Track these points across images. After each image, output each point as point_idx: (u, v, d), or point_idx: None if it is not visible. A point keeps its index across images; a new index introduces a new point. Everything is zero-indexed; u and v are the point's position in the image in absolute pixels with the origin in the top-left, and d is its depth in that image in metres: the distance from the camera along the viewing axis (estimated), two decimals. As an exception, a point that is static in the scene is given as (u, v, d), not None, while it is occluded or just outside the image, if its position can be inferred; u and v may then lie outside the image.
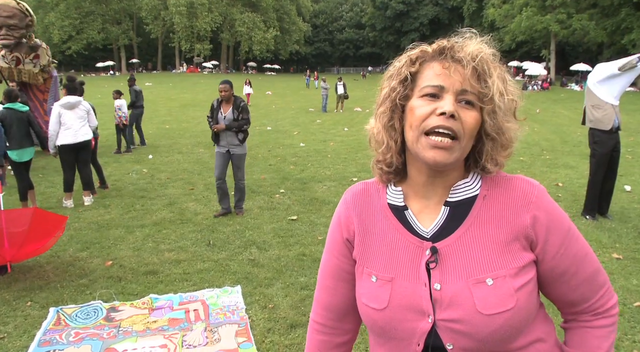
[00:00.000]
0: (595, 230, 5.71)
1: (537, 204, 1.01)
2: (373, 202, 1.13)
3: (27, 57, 10.43)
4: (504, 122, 1.01)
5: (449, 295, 0.98)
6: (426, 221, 1.06)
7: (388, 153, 1.07)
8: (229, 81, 6.29)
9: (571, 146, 12.10)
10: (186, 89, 36.16)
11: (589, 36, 38.79)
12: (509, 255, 0.99)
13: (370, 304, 1.05)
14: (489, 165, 1.03)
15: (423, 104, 0.99)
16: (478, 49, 1.00)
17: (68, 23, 62.39)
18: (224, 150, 6.32)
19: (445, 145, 0.95)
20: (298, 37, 74.87)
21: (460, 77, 0.97)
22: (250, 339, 3.47)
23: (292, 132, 14.99)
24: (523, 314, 0.97)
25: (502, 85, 0.99)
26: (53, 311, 3.93)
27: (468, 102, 0.98)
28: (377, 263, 1.07)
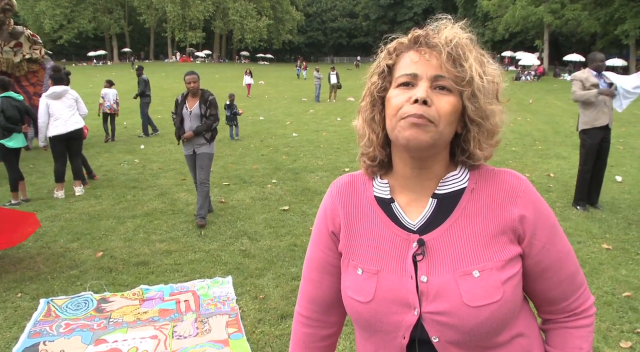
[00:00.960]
0: (586, 220, 5.74)
1: (524, 198, 1.01)
2: (359, 195, 1.12)
3: (7, 44, 9.57)
4: (486, 106, 0.99)
5: (435, 287, 0.97)
6: (413, 213, 1.05)
7: (370, 146, 1.07)
8: (195, 72, 5.76)
9: (563, 137, 12.14)
10: (179, 79, 35.81)
11: (582, 26, 38.73)
12: (495, 247, 0.99)
13: (355, 296, 1.04)
14: (478, 151, 1.02)
15: (398, 93, 0.99)
16: (453, 34, 0.99)
17: (59, 12, 61.54)
18: (190, 152, 5.72)
19: (420, 122, 0.94)
20: (291, 27, 74.42)
21: (435, 63, 0.97)
22: (240, 330, 3.47)
23: (284, 122, 14.95)
24: (509, 306, 0.97)
25: (480, 68, 0.98)
26: (43, 302, 3.91)
27: (442, 87, 0.97)
28: (363, 256, 1.07)
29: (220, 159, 9.52)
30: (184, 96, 5.72)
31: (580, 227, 5.51)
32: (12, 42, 9.67)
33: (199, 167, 5.65)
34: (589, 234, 5.30)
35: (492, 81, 1.00)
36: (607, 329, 3.42)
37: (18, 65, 9.75)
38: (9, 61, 9.63)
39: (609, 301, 3.82)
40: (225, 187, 7.45)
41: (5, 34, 9.63)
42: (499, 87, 1.03)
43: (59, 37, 63.65)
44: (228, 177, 8.03)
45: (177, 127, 5.71)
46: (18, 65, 9.77)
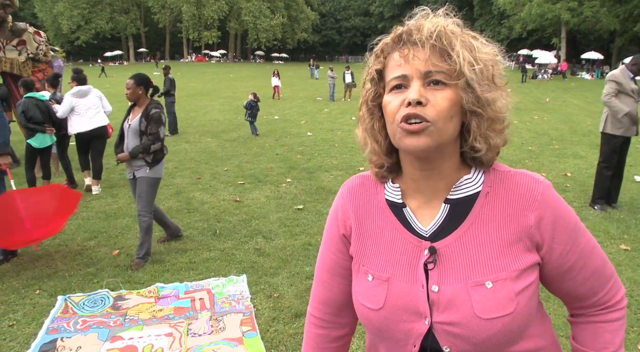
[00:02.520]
0: (604, 221, 5.67)
1: (542, 202, 0.96)
2: (371, 197, 1.10)
3: (9, 43, 8.74)
4: (484, 94, 0.92)
5: (446, 297, 0.95)
6: (425, 218, 1.02)
7: (375, 155, 1.05)
8: (138, 76, 4.64)
9: (580, 136, 11.99)
10: (194, 78, 36.16)
11: (601, 24, 38.27)
12: (510, 257, 0.95)
13: (366, 303, 1.03)
14: (477, 144, 0.95)
15: (392, 98, 0.95)
16: (435, 24, 0.93)
17: (77, 13, 62.44)
18: (130, 175, 4.71)
19: (416, 129, 0.90)
20: (306, 26, 74.53)
21: (422, 59, 0.91)
22: (255, 328, 3.49)
23: (299, 121, 14.97)
24: (522, 318, 0.94)
25: (469, 55, 0.91)
26: (61, 299, 3.97)
27: (436, 82, 0.91)
28: (374, 261, 1.04)
29: (235, 158, 9.57)
30: (132, 105, 4.73)
31: (598, 227, 5.44)
32: (15, 40, 8.85)
33: (137, 195, 4.65)
34: (606, 234, 5.23)
35: (487, 66, 0.93)
36: (625, 331, 3.37)
37: (23, 64, 8.98)
38: (13, 61, 8.90)
39: (627, 303, 3.76)
40: (240, 186, 7.48)
41: (7, 32, 8.78)
42: (494, 71, 0.95)
43: (76, 38, 64.54)
44: (243, 176, 8.07)
45: (115, 143, 4.78)
46: (24, 65, 8.99)
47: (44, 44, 9.25)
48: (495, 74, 0.95)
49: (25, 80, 6.93)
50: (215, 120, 15.28)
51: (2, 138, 4.56)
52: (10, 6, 8.60)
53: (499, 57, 0.98)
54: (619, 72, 5.86)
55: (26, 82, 6.88)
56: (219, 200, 6.72)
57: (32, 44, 8.97)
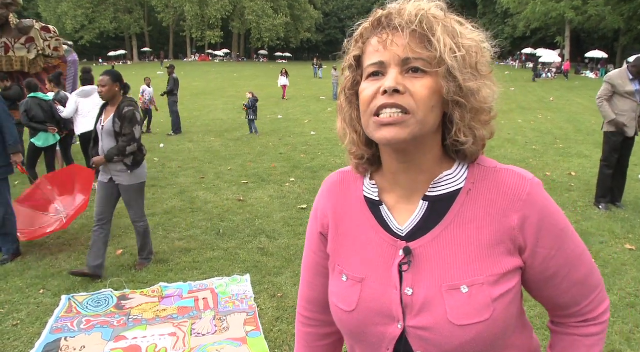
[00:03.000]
0: (608, 220, 5.64)
1: (527, 201, 0.89)
2: (350, 194, 1.05)
3: (17, 41, 8.65)
4: (465, 82, 0.86)
5: (420, 301, 0.90)
6: (403, 215, 0.97)
7: (354, 146, 0.99)
8: (113, 72, 4.34)
9: (585, 135, 11.94)
10: (197, 78, 36.18)
11: (605, 22, 38.13)
12: (490, 260, 0.89)
13: (339, 304, 0.98)
14: (462, 136, 0.89)
15: (368, 85, 0.89)
16: (416, 8, 0.87)
17: (80, 13, 62.61)
18: (105, 179, 4.34)
19: (394, 120, 0.84)
20: (309, 25, 74.49)
21: (400, 45, 0.85)
22: (258, 328, 3.49)
23: (303, 121, 14.96)
24: (499, 326, 0.88)
25: (451, 41, 0.85)
26: (65, 298, 3.97)
27: (416, 69, 0.85)
28: (349, 261, 1.00)
29: (239, 158, 9.57)
30: (104, 105, 4.41)
31: (602, 227, 5.41)
32: (23, 38, 8.75)
33: (126, 204, 4.45)
34: (611, 234, 5.21)
35: (470, 53, 0.87)
36: (630, 332, 3.36)
37: (33, 62, 8.90)
38: (23, 59, 8.82)
39: (632, 302, 3.75)
40: (244, 185, 7.48)
41: (13, 31, 8.71)
42: (478, 59, 0.88)
43: (80, 37, 64.68)
44: (246, 176, 8.07)
45: (91, 146, 4.52)
46: (34, 62, 8.91)
47: (54, 39, 9.09)
48: (479, 61, 0.88)
49: (29, 81, 6.99)
50: (219, 120, 15.29)
51: (14, 137, 4.70)
52: (13, 4, 8.56)
53: (486, 44, 0.92)
54: (616, 74, 5.86)
55: (29, 83, 6.93)
56: (222, 199, 6.72)
57: (40, 41, 8.84)
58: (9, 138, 4.64)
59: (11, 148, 4.65)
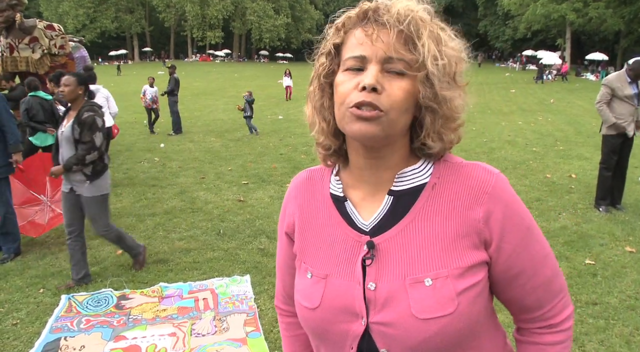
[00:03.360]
0: (609, 222, 5.64)
1: (493, 195, 0.89)
2: (316, 192, 1.05)
3: (21, 41, 8.47)
4: (442, 91, 0.86)
5: (383, 295, 0.88)
6: (367, 211, 0.96)
7: (322, 135, 0.98)
8: (78, 74, 4.18)
9: (585, 137, 11.94)
10: (198, 78, 36.20)
11: (606, 24, 38.13)
12: (455, 253, 0.88)
13: (303, 302, 0.97)
14: (430, 141, 0.90)
15: (346, 78, 0.87)
16: (405, 8, 0.86)
17: (82, 12, 62.68)
18: (67, 188, 4.07)
19: (369, 115, 0.83)
20: (310, 26, 74.52)
21: (385, 43, 0.84)
22: (258, 329, 3.49)
23: (303, 121, 14.73)
24: (464, 321, 0.86)
25: (435, 48, 0.85)
26: (65, 298, 3.97)
27: (395, 70, 0.85)
28: (314, 258, 0.99)
29: (239, 158, 9.58)
30: (67, 109, 4.15)
31: (602, 229, 5.41)
32: (26, 38, 8.56)
33: (88, 218, 4.12)
34: (611, 236, 5.20)
35: (450, 62, 0.87)
36: (630, 334, 3.35)
37: (39, 61, 8.69)
38: (28, 59, 8.65)
39: (632, 305, 3.74)
40: (244, 186, 7.48)
41: (17, 31, 8.55)
42: (457, 69, 0.89)
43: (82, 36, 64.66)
44: (247, 176, 8.07)
45: (52, 154, 4.28)
46: (39, 62, 8.69)
47: (59, 37, 8.95)
48: (457, 71, 0.89)
49: (30, 80, 6.98)
50: (220, 120, 15.30)
51: (15, 137, 4.71)
52: (18, 5, 8.47)
53: (464, 55, 0.92)
54: (614, 77, 5.87)
55: (30, 82, 6.93)
56: (222, 200, 6.72)
57: (45, 40, 8.71)
58: (10, 137, 4.65)
59: (12, 147, 4.66)
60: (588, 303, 3.78)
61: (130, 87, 25.34)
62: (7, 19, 8.37)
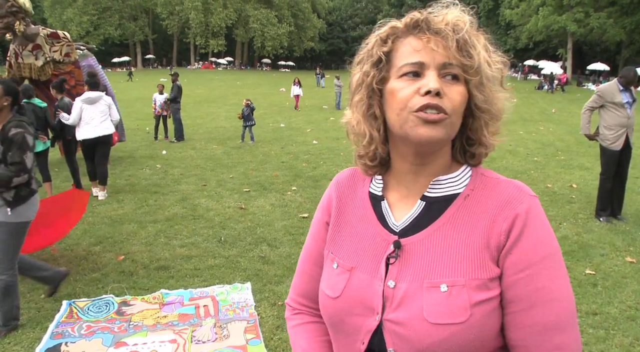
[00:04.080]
0: (609, 233, 5.65)
1: (520, 213, 0.89)
2: (357, 189, 1.09)
3: (24, 48, 8.50)
4: (494, 94, 0.93)
5: (400, 294, 0.90)
6: (400, 213, 0.99)
7: (372, 145, 0.99)
8: (7, 83, 3.47)
9: (586, 147, 11.94)
10: (201, 85, 36.34)
11: (607, 35, 38.27)
12: (475, 264, 0.88)
13: (326, 290, 1.01)
14: (475, 144, 0.96)
15: (404, 84, 0.90)
16: (457, 18, 0.91)
17: (86, 19, 63.13)
18: None
19: (436, 118, 0.86)
20: (313, 34, 74.89)
21: (442, 50, 0.89)
22: (259, 336, 3.49)
23: (305, 130, 15.00)
24: (475, 332, 0.85)
25: (487, 55, 0.91)
26: (66, 303, 3.98)
27: (453, 76, 0.89)
28: (343, 250, 1.03)
29: (241, 166, 9.60)
30: None
31: (603, 239, 5.42)
32: (30, 45, 8.58)
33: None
34: (612, 246, 5.21)
35: (499, 68, 0.94)
36: (630, 344, 3.36)
37: (41, 69, 8.67)
38: (31, 66, 8.61)
39: (633, 315, 3.75)
40: (246, 193, 7.50)
41: (21, 38, 8.52)
42: (503, 74, 0.95)
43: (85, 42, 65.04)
44: (248, 184, 8.09)
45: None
46: (42, 69, 8.68)
47: (65, 45, 8.95)
48: (503, 77, 0.95)
49: (25, 87, 7.09)
50: (222, 127, 15.34)
51: None
52: (19, 12, 8.42)
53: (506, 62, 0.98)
54: (607, 86, 6.00)
55: (24, 89, 7.04)
56: (224, 207, 6.73)
57: (47, 47, 8.71)
58: None
59: None
60: (588, 313, 3.78)
61: (132, 94, 25.45)
62: (7, 25, 8.38)
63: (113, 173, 8.72)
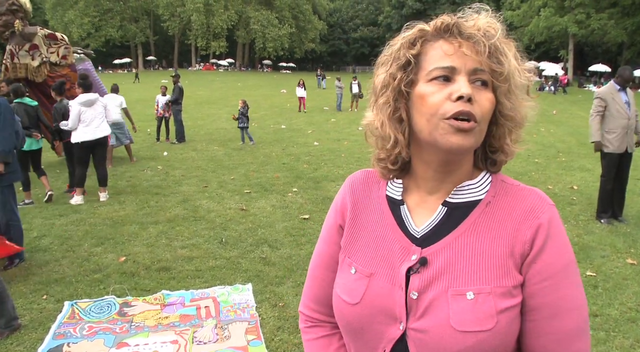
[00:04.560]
0: (610, 234, 5.65)
1: (543, 223, 0.89)
2: (372, 192, 1.07)
3: (21, 48, 8.46)
4: (520, 102, 0.92)
5: (424, 304, 0.89)
6: (421, 217, 0.98)
7: (396, 148, 0.96)
8: None
9: (587, 148, 11.92)
10: (202, 87, 36.36)
11: (609, 36, 38.29)
12: (499, 271, 0.89)
13: (343, 296, 0.98)
14: (499, 152, 0.96)
15: (434, 89, 0.88)
16: (489, 24, 0.90)
17: (87, 21, 63.27)
18: None
19: (468, 127, 0.85)
20: (314, 36, 74.95)
21: (473, 55, 0.88)
22: (260, 337, 3.50)
23: (306, 131, 15.01)
24: (500, 339, 0.86)
25: (516, 63, 0.91)
26: (68, 304, 4.00)
27: (483, 82, 0.88)
28: (360, 255, 1.01)
29: (242, 167, 9.62)
30: None
31: (604, 241, 5.42)
32: (27, 45, 8.54)
33: None
34: (613, 248, 5.21)
35: (527, 77, 0.93)
36: (630, 346, 3.36)
37: (37, 69, 8.61)
38: (27, 66, 8.56)
39: (633, 317, 3.75)
40: (247, 195, 7.51)
41: (17, 37, 8.50)
42: (530, 83, 0.95)
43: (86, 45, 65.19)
44: (249, 185, 8.10)
45: None
46: (37, 70, 8.59)
47: (63, 47, 8.90)
48: (530, 86, 0.95)
49: (15, 87, 7.06)
50: (223, 129, 15.36)
51: (2, 146, 4.55)
52: (19, 11, 8.44)
53: (534, 70, 0.98)
54: (605, 89, 6.01)
55: (16, 88, 7.02)
56: (225, 208, 6.75)
57: (44, 48, 8.66)
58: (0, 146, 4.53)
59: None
60: (589, 315, 3.78)
61: (133, 96, 25.47)
62: (5, 23, 8.39)
63: (114, 174, 8.75)
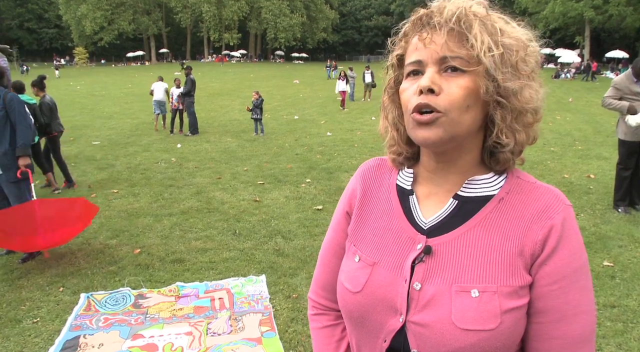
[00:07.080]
0: (628, 224, 5.56)
1: (556, 223, 0.86)
2: (383, 180, 1.06)
3: None
4: (504, 82, 0.84)
5: (426, 297, 0.87)
6: (429, 209, 0.96)
7: (394, 144, 1.00)
8: None
9: (604, 136, 11.78)
10: (214, 78, 36.42)
11: (626, 22, 37.56)
12: (507, 270, 0.86)
13: (346, 283, 0.98)
14: (503, 137, 0.87)
15: (407, 85, 0.89)
16: (456, 6, 0.85)
17: (100, 14, 63.70)
18: None
19: (427, 119, 0.84)
20: (325, 25, 74.64)
21: (439, 44, 0.84)
22: (273, 329, 3.51)
23: (319, 121, 14.97)
24: (502, 340, 0.83)
25: (489, 39, 0.83)
26: (84, 296, 4.04)
27: (453, 68, 0.84)
28: (366, 243, 1.00)
29: (255, 158, 9.63)
30: None
31: (621, 230, 5.34)
32: None
33: None
34: (630, 237, 5.13)
35: (509, 51, 0.84)
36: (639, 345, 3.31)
37: None
38: None
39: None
40: (260, 186, 7.52)
41: None
42: (519, 57, 0.85)
43: (99, 39, 65.73)
44: (263, 176, 8.11)
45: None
46: None
47: None
48: (520, 60, 0.85)
49: (16, 83, 7.10)
50: (236, 120, 15.38)
51: (23, 139, 4.64)
52: None
53: (533, 43, 0.89)
54: (622, 77, 5.83)
55: (16, 84, 7.06)
56: (238, 200, 6.76)
57: None
58: (18, 139, 4.60)
59: (18, 150, 4.61)
60: (606, 306, 3.74)
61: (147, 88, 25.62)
62: None
63: (129, 167, 8.82)
